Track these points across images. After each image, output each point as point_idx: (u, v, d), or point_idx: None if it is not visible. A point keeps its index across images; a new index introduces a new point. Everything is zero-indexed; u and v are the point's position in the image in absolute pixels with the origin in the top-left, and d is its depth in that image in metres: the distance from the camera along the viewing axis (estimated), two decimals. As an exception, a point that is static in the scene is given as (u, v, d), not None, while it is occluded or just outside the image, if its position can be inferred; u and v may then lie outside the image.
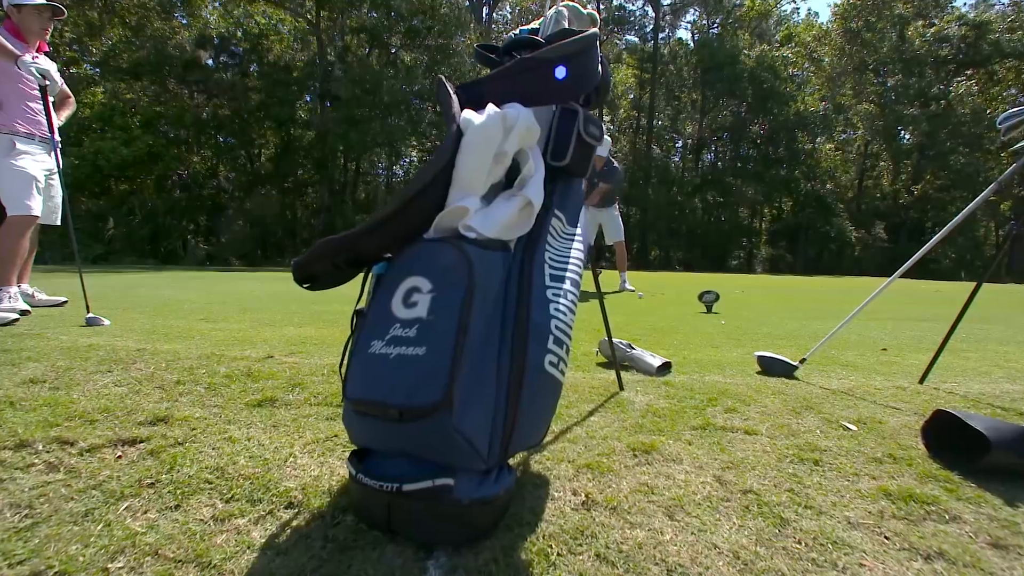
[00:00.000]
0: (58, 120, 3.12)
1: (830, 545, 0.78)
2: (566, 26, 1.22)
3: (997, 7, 24.55)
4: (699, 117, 26.95)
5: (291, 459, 1.03)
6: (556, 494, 0.90)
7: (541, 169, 1.00)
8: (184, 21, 20.44)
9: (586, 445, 1.12)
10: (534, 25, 1.32)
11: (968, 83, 22.74)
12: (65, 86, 3.23)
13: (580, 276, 1.04)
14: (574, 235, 1.12)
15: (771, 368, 1.86)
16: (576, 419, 1.29)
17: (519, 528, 0.80)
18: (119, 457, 1.02)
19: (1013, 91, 22.11)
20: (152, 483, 0.92)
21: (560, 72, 1.13)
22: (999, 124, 1.48)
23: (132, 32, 19.09)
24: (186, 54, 19.10)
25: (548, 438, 1.15)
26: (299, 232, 21.21)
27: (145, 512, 0.83)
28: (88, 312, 2.56)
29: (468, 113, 0.92)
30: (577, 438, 1.16)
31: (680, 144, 28.09)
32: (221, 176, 21.57)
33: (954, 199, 22.42)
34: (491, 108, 0.92)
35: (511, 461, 1.03)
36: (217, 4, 21.15)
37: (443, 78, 1.00)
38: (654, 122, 26.93)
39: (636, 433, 1.20)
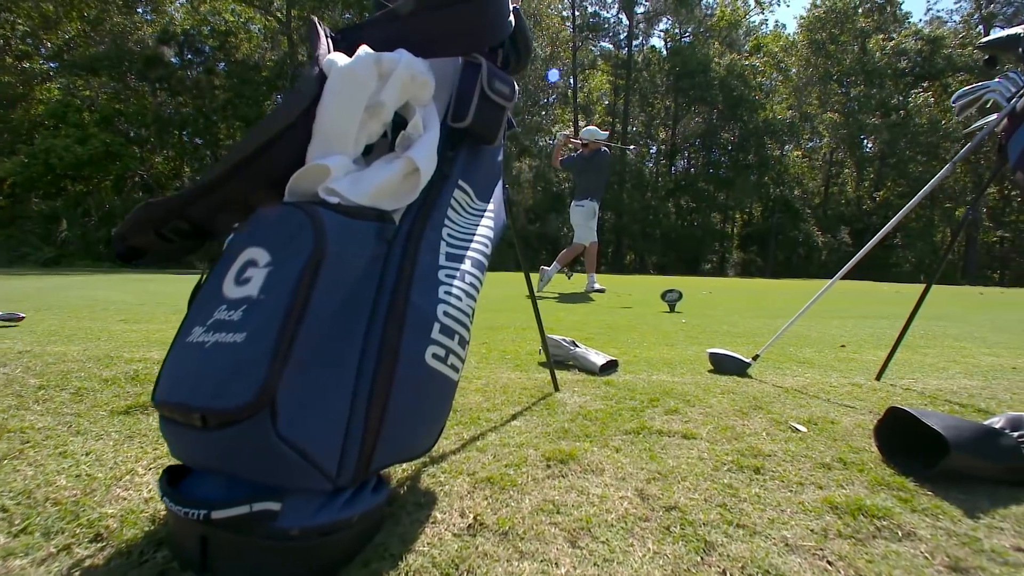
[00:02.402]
0: None
1: (761, 575, 0.63)
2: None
3: (949, 24, 25.73)
4: (672, 123, 27.30)
5: (128, 477, 0.84)
6: (440, 516, 0.74)
7: (434, 129, 0.84)
8: (148, 17, 19.71)
9: (495, 454, 0.96)
10: None
11: (925, 95, 23.61)
12: None
13: (487, 258, 0.89)
14: (483, 211, 0.97)
15: (723, 366, 1.74)
16: (494, 424, 1.13)
17: (379, 562, 0.63)
18: (-96, 480, 0.81)
19: (967, 103, 22.98)
20: (-72, 513, 0.72)
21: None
22: (953, 103, 1.40)
23: (90, 26, 18.30)
24: (148, 50, 18.37)
25: (453, 446, 0.99)
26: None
27: None
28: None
29: (335, 55, 0.76)
30: (487, 446, 1.00)
31: (654, 149, 28.37)
32: (186, 177, 20.78)
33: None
34: (363, 49, 0.76)
35: (397, 475, 0.86)
36: (183, 0, 20.49)
37: (316, 20, 0.83)
38: (628, 128, 27.17)
39: (558, 440, 1.04)
